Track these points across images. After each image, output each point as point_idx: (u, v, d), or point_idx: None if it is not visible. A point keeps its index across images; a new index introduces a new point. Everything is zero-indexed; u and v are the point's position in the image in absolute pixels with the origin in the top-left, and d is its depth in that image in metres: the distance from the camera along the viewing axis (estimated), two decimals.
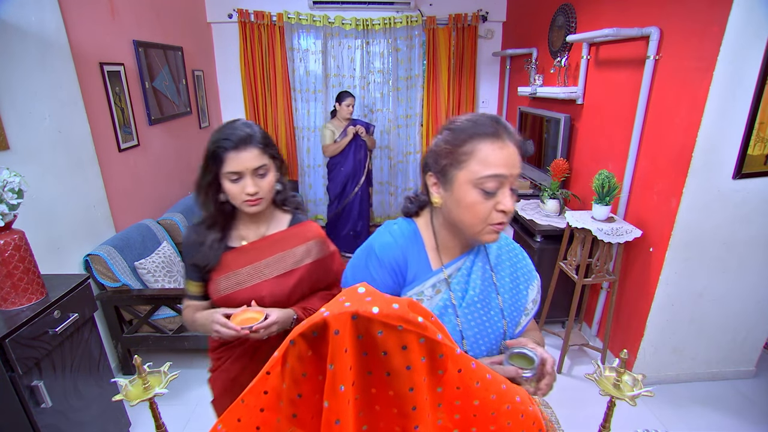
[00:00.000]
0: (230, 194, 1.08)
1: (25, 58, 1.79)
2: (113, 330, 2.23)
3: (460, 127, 0.83)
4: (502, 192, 0.80)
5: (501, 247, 0.98)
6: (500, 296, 0.93)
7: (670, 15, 1.95)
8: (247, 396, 0.58)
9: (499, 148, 0.79)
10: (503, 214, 0.80)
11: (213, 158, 1.06)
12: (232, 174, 1.05)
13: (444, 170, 0.83)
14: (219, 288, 1.15)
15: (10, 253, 1.36)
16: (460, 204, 0.82)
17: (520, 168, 0.82)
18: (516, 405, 0.63)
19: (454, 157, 0.81)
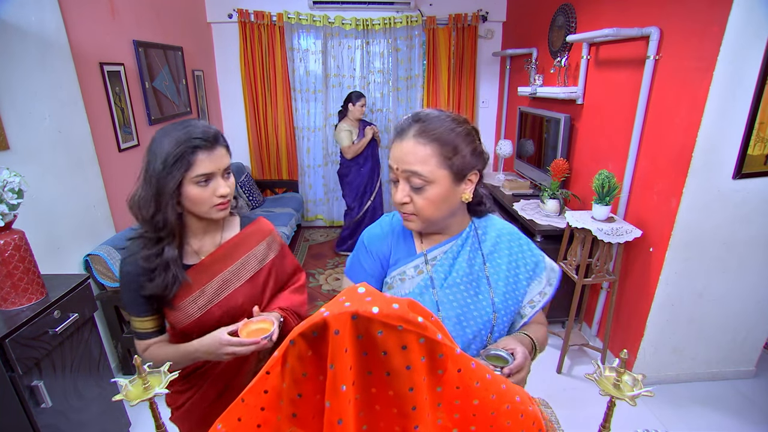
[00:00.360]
0: (196, 200, 0.96)
1: (25, 58, 1.79)
2: (113, 330, 2.23)
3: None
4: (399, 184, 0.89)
5: (501, 235, 1.00)
6: (492, 287, 0.95)
7: (670, 15, 1.95)
8: (247, 395, 0.58)
9: (396, 145, 0.88)
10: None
11: (180, 161, 0.92)
12: (202, 177, 0.95)
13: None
14: (189, 313, 1.03)
15: (10, 253, 1.36)
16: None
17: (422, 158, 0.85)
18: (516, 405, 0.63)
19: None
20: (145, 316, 1.03)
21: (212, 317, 1.05)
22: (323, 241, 4.32)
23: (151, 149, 0.96)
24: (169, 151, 0.92)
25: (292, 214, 3.91)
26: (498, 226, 1.01)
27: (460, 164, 0.87)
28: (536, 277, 0.99)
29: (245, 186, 4.04)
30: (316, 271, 3.65)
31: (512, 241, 1.00)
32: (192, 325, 1.04)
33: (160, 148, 0.93)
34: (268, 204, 4.16)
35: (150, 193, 0.95)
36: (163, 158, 0.92)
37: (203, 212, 0.99)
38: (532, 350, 0.95)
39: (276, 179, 4.51)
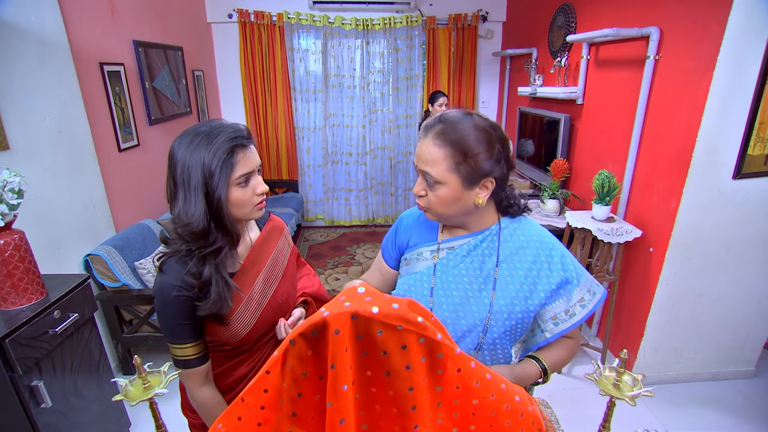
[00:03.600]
0: (240, 203, 0.91)
1: (25, 58, 1.79)
2: (113, 330, 2.23)
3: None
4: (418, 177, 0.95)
5: (529, 242, 0.97)
6: (496, 290, 0.94)
7: (670, 15, 1.95)
8: (247, 395, 0.58)
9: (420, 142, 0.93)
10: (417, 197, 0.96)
11: (224, 165, 0.87)
12: (243, 177, 0.90)
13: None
14: (245, 322, 0.98)
15: (10, 253, 1.36)
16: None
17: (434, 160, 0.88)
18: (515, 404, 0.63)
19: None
20: (190, 342, 0.93)
21: (265, 321, 1.03)
22: (323, 241, 4.32)
23: (182, 160, 0.88)
24: (210, 157, 0.86)
25: (292, 214, 3.91)
26: (530, 231, 0.99)
27: (470, 171, 0.87)
28: (563, 295, 0.94)
29: None
30: (316, 270, 3.65)
31: (541, 249, 0.96)
32: (248, 334, 1.00)
33: (194, 157, 0.86)
34: (268, 204, 4.13)
35: (201, 205, 0.87)
36: (206, 166, 0.86)
37: (245, 214, 0.94)
38: (541, 374, 0.95)
39: (276, 179, 4.51)
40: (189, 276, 0.89)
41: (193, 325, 0.93)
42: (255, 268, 1.02)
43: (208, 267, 0.90)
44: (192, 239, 0.89)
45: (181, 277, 0.89)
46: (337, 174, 4.56)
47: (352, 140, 4.45)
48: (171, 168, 0.91)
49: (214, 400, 0.98)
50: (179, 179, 0.88)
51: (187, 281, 0.89)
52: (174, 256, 0.91)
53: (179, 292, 0.89)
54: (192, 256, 0.89)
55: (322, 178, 4.54)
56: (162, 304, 0.90)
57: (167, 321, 0.91)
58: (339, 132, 4.41)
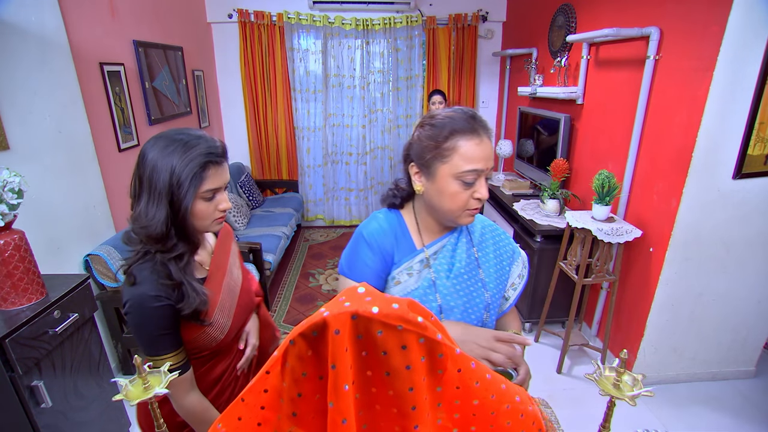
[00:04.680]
0: (200, 215, 0.92)
1: (25, 58, 1.79)
2: (113, 330, 2.23)
3: (441, 123, 0.90)
4: (479, 182, 0.90)
5: (485, 227, 1.08)
6: (482, 270, 1.02)
7: (670, 15, 1.95)
8: (247, 395, 0.58)
9: (476, 145, 0.87)
10: (478, 201, 0.91)
11: (194, 177, 0.88)
12: (210, 192, 0.91)
13: (427, 163, 0.91)
14: (222, 324, 1.00)
15: (10, 253, 1.36)
16: (442, 193, 0.91)
17: (493, 159, 0.91)
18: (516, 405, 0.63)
19: (438, 152, 0.89)
20: (174, 351, 0.92)
21: (237, 322, 1.06)
22: (323, 241, 4.32)
23: (153, 163, 0.88)
24: (181, 167, 0.87)
25: (292, 214, 3.91)
26: (481, 218, 1.09)
27: None
28: (514, 262, 1.08)
29: (245, 186, 4.04)
30: (316, 271, 3.66)
31: (494, 232, 1.09)
32: (227, 336, 1.02)
33: (166, 163, 0.87)
34: (268, 204, 4.16)
35: (163, 211, 0.88)
36: (176, 174, 0.87)
37: (205, 226, 0.96)
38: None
39: (276, 179, 4.51)
40: (164, 281, 0.88)
41: (174, 333, 0.92)
42: (219, 272, 1.05)
43: (174, 269, 0.90)
44: (148, 242, 0.90)
45: (157, 286, 0.88)
46: (337, 174, 4.56)
47: (352, 140, 4.45)
48: (139, 167, 0.91)
49: (203, 405, 0.98)
50: (146, 181, 0.90)
51: (165, 287, 0.89)
52: (139, 263, 0.90)
53: (159, 301, 0.88)
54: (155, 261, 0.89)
55: (322, 178, 4.54)
56: (141, 317, 0.88)
57: (148, 333, 0.89)
58: (339, 132, 4.41)
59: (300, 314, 3.00)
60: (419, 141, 0.93)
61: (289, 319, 2.94)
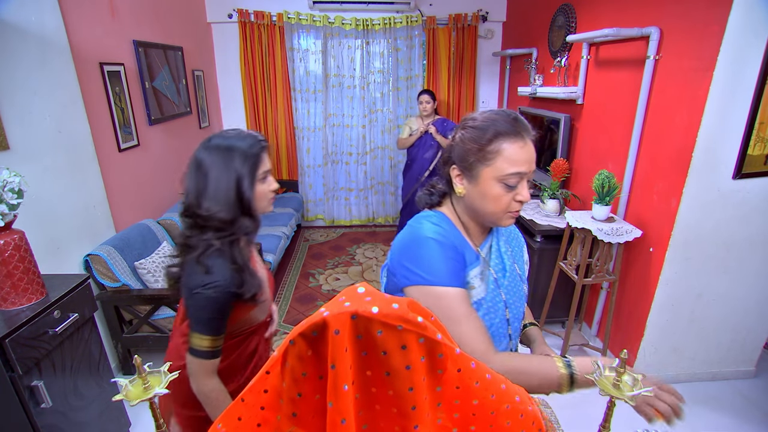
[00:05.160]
0: (260, 196, 1.06)
1: (25, 58, 1.79)
2: (113, 330, 2.23)
3: (484, 126, 0.89)
4: (521, 184, 0.90)
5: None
6: (516, 264, 1.05)
7: (670, 15, 1.95)
8: (246, 395, 0.58)
9: (520, 148, 0.87)
10: (520, 203, 0.91)
11: (257, 160, 1.03)
12: (266, 173, 1.06)
13: (470, 166, 0.90)
14: (266, 303, 1.15)
15: (10, 253, 1.36)
16: (485, 196, 0.90)
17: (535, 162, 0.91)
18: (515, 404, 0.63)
19: (482, 155, 0.88)
20: (219, 335, 1.01)
21: (269, 300, 1.20)
22: (323, 241, 4.32)
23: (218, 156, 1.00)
24: (247, 152, 1.01)
25: (292, 214, 3.91)
26: None
27: None
28: (524, 248, 1.13)
29: None
30: (316, 271, 3.66)
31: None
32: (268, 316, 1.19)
33: (229, 155, 1.00)
34: None
35: (232, 195, 1.00)
36: (242, 161, 1.00)
37: (263, 207, 1.08)
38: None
39: (276, 179, 4.49)
40: (234, 271, 1.00)
41: (225, 319, 1.02)
42: (253, 257, 1.16)
43: (238, 255, 1.02)
44: (220, 226, 1.00)
45: (230, 275, 0.99)
46: (337, 174, 4.56)
47: (352, 140, 4.45)
48: (201, 167, 1.01)
49: (222, 390, 1.04)
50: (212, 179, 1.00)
51: (235, 277, 1.00)
52: (208, 254, 0.99)
53: (229, 288, 0.99)
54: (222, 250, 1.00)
55: (322, 178, 4.54)
56: (208, 299, 0.97)
57: (208, 315, 0.98)
58: (339, 132, 4.41)
59: (300, 314, 3.00)
60: (462, 143, 0.91)
61: (289, 319, 2.94)
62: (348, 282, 3.46)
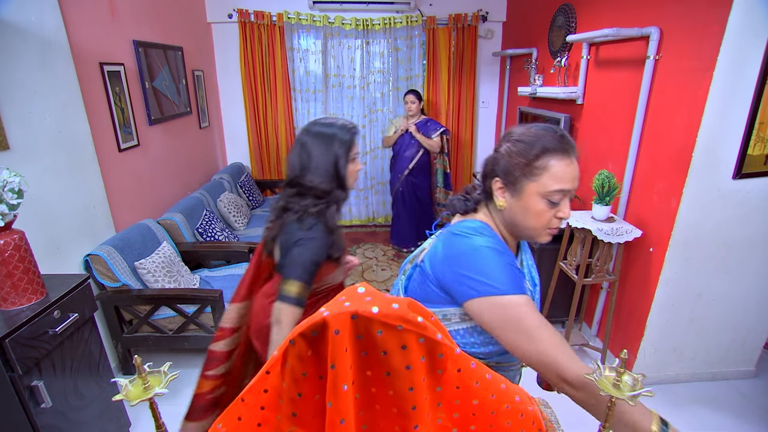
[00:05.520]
0: (351, 173, 1.29)
1: (25, 58, 1.79)
2: (113, 330, 2.23)
3: (531, 140, 0.89)
4: (563, 201, 0.90)
5: None
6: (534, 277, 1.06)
7: (670, 15, 1.95)
8: (247, 395, 0.58)
9: (567, 165, 0.87)
10: (560, 221, 0.92)
11: (350, 145, 1.26)
12: (355, 155, 1.29)
13: (515, 180, 0.90)
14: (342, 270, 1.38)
15: (10, 253, 1.36)
16: (527, 211, 0.91)
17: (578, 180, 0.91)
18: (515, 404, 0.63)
19: (528, 170, 0.88)
20: (310, 286, 1.20)
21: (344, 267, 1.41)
22: None
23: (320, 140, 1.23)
24: (343, 138, 1.24)
25: None
26: None
27: None
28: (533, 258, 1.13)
29: (245, 186, 4.04)
30: None
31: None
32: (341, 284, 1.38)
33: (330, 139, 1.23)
34: (268, 204, 4.16)
35: (331, 171, 1.23)
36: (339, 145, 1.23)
37: (351, 182, 1.29)
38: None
39: (276, 179, 4.50)
40: (327, 232, 1.21)
41: (315, 273, 1.20)
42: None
43: (332, 219, 1.23)
44: (321, 194, 1.22)
45: (324, 234, 1.20)
46: None
47: None
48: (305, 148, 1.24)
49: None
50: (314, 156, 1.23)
51: (328, 237, 1.22)
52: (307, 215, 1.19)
53: (324, 244, 1.20)
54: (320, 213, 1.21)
55: None
56: (307, 249, 1.17)
57: (304, 263, 1.16)
58: None
59: None
60: (508, 157, 0.91)
61: None
62: (348, 282, 3.45)
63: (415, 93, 3.63)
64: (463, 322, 0.92)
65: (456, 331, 0.93)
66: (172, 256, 2.49)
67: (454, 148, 4.48)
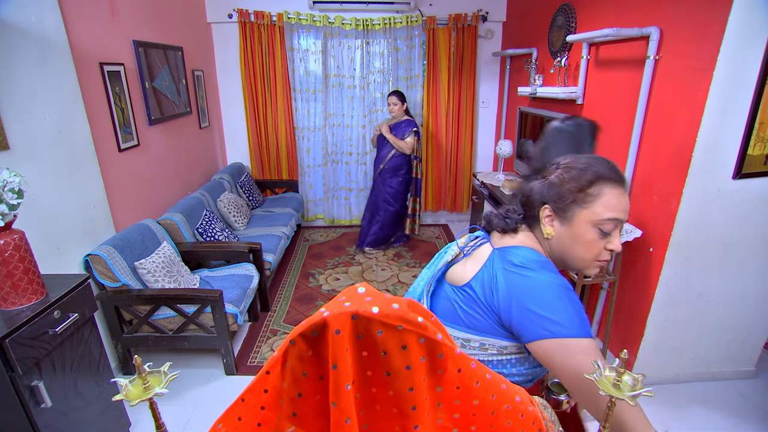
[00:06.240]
0: None
1: (25, 58, 1.79)
2: (113, 330, 2.23)
3: (584, 167, 0.88)
4: (614, 233, 0.87)
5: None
6: None
7: (670, 15, 1.95)
8: (246, 395, 0.58)
9: (620, 195, 0.86)
10: (610, 252, 0.88)
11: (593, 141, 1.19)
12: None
13: (566, 207, 0.88)
14: None
15: (10, 253, 1.36)
16: (576, 239, 0.88)
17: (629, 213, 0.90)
18: (516, 405, 0.63)
19: (581, 197, 0.87)
20: None
21: None
22: (323, 241, 4.32)
23: (568, 137, 1.12)
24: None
25: (292, 214, 3.91)
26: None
27: None
28: None
29: (245, 186, 4.04)
30: (316, 271, 3.65)
31: None
32: None
33: (575, 138, 1.12)
34: (268, 204, 4.16)
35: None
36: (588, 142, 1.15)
37: None
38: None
39: (276, 179, 4.51)
40: None
41: None
42: None
43: None
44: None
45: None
46: (337, 174, 4.56)
47: (352, 140, 4.45)
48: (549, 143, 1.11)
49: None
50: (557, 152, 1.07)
51: None
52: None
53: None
54: None
55: (322, 177, 4.54)
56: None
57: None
58: (339, 132, 4.41)
59: (300, 314, 3.00)
60: (560, 184, 0.89)
61: (289, 319, 2.94)
62: (348, 282, 3.46)
63: (397, 94, 3.64)
64: (500, 355, 0.89)
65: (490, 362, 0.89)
66: (172, 256, 2.50)
67: (453, 149, 4.48)
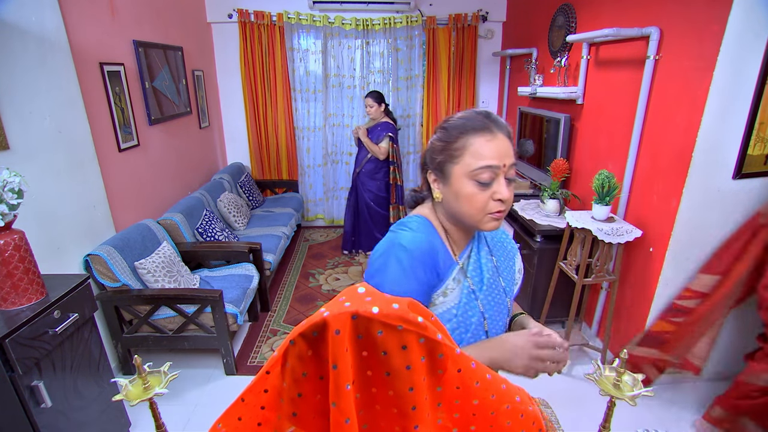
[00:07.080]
0: None
1: (25, 58, 1.79)
2: (113, 330, 2.23)
3: (453, 125, 0.88)
4: (497, 182, 0.84)
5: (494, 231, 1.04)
6: (501, 277, 1.00)
7: (670, 15, 1.95)
8: (247, 395, 0.58)
9: (488, 141, 0.83)
10: (500, 203, 0.85)
11: None
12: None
13: (440, 166, 0.88)
14: None
15: (10, 253, 1.36)
16: (458, 196, 0.86)
17: (514, 158, 0.86)
18: (516, 405, 0.63)
19: (449, 152, 0.86)
20: None
21: None
22: (323, 241, 4.32)
23: None
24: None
25: (292, 214, 3.91)
26: None
27: None
28: (516, 256, 1.07)
29: (245, 186, 4.04)
30: (316, 271, 3.65)
31: (498, 232, 1.06)
32: None
33: None
34: (268, 204, 4.16)
35: None
36: None
37: None
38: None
39: (276, 179, 4.51)
40: None
41: None
42: None
43: None
44: None
45: None
46: (337, 174, 4.56)
47: (352, 140, 4.44)
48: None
49: None
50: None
51: None
52: None
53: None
54: None
55: (322, 177, 4.54)
56: None
57: None
58: (339, 132, 4.41)
59: (300, 314, 3.00)
60: (431, 145, 0.91)
61: (289, 319, 2.94)
62: (348, 282, 3.46)
63: (373, 95, 3.52)
64: None
65: None
66: (172, 256, 2.49)
67: None
